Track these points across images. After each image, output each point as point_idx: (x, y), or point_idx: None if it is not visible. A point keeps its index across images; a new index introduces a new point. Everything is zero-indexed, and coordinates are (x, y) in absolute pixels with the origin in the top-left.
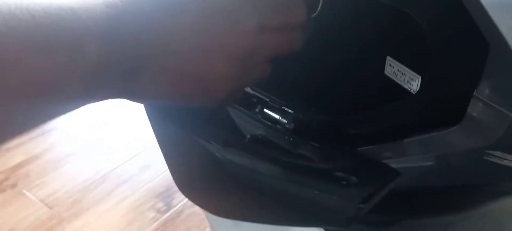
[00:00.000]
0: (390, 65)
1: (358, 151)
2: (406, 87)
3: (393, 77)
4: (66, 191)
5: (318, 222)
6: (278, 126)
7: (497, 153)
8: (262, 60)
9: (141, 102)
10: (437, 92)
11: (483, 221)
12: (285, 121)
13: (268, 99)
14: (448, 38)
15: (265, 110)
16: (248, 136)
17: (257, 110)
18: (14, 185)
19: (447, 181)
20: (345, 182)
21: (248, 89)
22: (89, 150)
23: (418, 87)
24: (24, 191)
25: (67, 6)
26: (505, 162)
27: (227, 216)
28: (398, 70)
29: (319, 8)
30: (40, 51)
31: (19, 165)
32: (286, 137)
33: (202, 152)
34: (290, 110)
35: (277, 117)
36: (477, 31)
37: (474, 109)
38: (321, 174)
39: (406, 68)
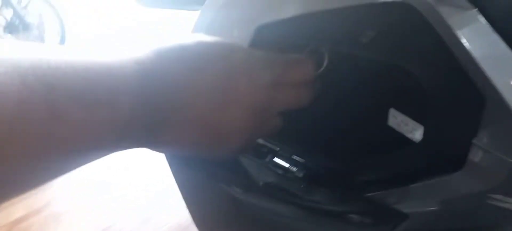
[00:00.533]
0: (393, 116)
1: (366, 196)
2: (409, 136)
3: (396, 127)
4: None
5: None
6: (288, 174)
7: (499, 197)
8: (274, 113)
9: (164, 152)
10: (438, 140)
11: None
12: (294, 169)
13: (278, 149)
14: (446, 90)
15: (275, 159)
16: (261, 183)
17: (267, 159)
18: None
19: (452, 225)
20: (360, 222)
21: (259, 140)
22: (89, 204)
23: (421, 137)
24: None
25: (104, 62)
26: (507, 205)
27: None
28: (401, 121)
29: (324, 65)
30: (84, 107)
31: (20, 219)
32: (297, 184)
33: (224, 196)
34: (299, 159)
35: (287, 165)
36: (473, 84)
37: (475, 156)
38: (337, 215)
39: (409, 119)
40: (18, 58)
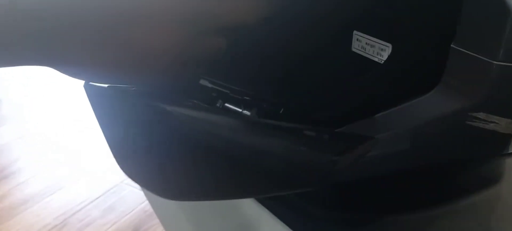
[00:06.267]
0: (357, 40)
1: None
2: (376, 59)
3: (361, 52)
4: None
5: (284, 186)
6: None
7: (481, 115)
8: (212, 30)
9: (82, 77)
10: (411, 54)
11: (466, 217)
12: (248, 113)
13: (228, 92)
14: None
15: (227, 104)
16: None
17: (218, 104)
18: None
19: (425, 158)
20: (315, 136)
21: (206, 83)
22: (47, 195)
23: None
24: None
25: None
26: (490, 126)
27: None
28: (366, 44)
29: None
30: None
31: None
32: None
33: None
34: (253, 100)
35: (240, 109)
36: None
37: (453, 63)
38: (290, 130)
39: (375, 39)
40: None
